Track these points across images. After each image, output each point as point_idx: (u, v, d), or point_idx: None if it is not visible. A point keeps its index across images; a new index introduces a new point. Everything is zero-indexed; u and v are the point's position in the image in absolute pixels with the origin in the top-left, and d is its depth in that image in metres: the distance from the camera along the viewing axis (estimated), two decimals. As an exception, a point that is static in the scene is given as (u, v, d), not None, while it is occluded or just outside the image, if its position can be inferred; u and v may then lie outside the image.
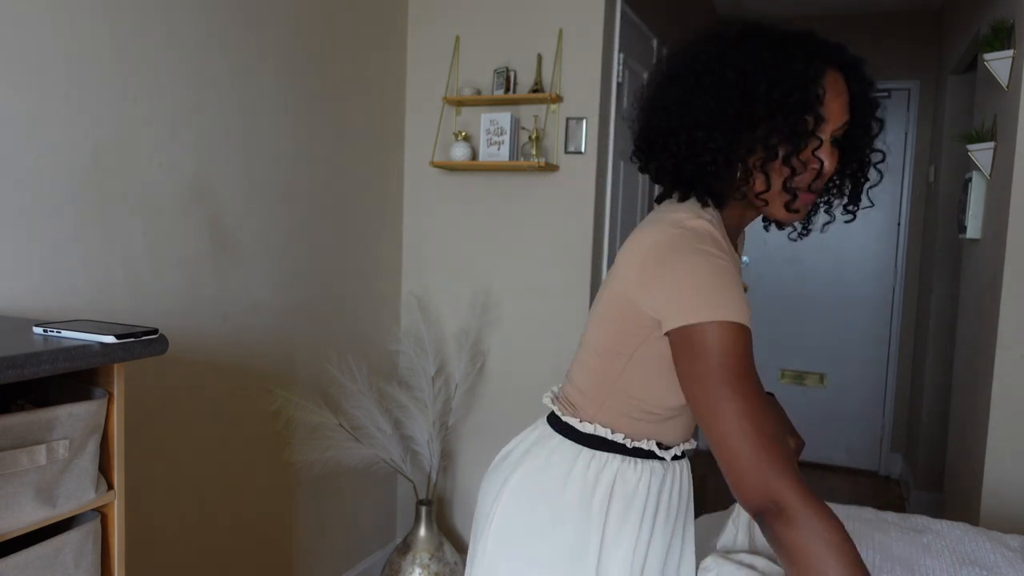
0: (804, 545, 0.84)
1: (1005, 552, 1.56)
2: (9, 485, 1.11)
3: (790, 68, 0.95)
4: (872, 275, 4.45)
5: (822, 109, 0.95)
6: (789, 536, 0.85)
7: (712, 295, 0.92)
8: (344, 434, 2.44)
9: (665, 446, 1.13)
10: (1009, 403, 2.29)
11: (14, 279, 1.55)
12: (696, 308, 0.92)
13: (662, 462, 1.14)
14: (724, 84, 0.96)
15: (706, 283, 0.93)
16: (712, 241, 0.96)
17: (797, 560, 0.85)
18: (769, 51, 0.97)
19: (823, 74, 0.96)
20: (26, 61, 1.54)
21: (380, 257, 2.78)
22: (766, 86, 0.94)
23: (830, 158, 0.98)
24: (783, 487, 0.86)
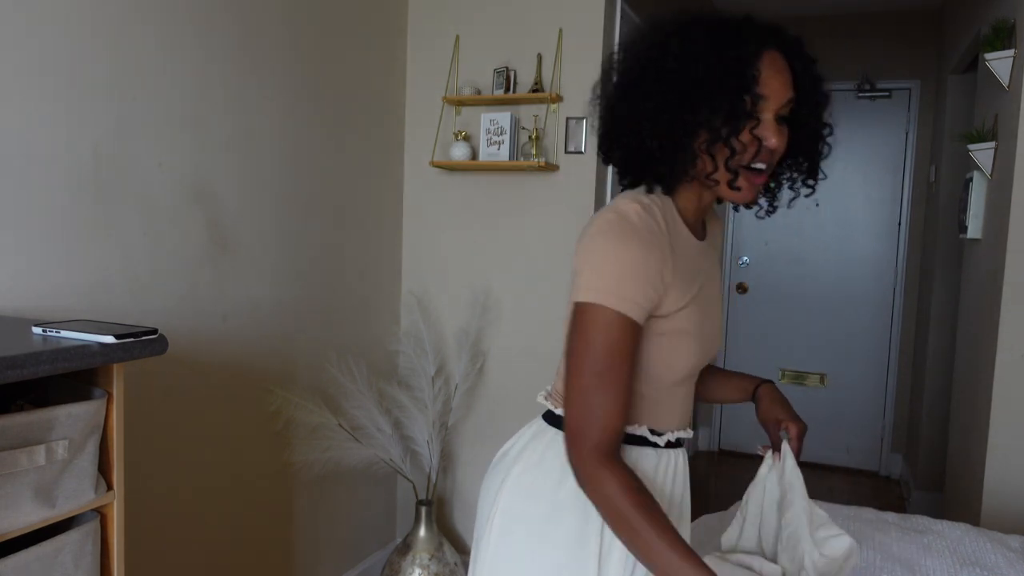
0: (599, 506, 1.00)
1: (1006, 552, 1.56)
2: (9, 485, 1.11)
3: (725, 52, 0.99)
4: (872, 275, 4.44)
5: (759, 89, 0.99)
6: (587, 494, 1.01)
7: (608, 281, 0.99)
8: (344, 434, 2.44)
9: (657, 432, 1.14)
10: (1009, 403, 2.29)
11: (14, 279, 1.55)
12: (590, 289, 1.00)
13: (655, 448, 1.15)
14: (664, 71, 1.01)
15: (609, 268, 0.99)
16: (641, 226, 1.01)
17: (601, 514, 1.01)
18: (705, 37, 1.01)
19: (759, 55, 1.00)
20: (26, 61, 1.54)
21: (380, 257, 2.78)
22: (702, 70, 0.98)
23: (776, 136, 1.01)
24: (585, 457, 1.00)
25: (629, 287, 0.99)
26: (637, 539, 0.97)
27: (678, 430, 1.17)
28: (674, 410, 1.15)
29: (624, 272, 0.99)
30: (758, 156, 1.02)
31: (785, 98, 1.02)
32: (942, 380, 3.63)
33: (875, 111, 4.39)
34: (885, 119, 4.37)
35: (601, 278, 0.99)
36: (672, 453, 1.17)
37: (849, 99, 4.43)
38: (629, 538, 0.98)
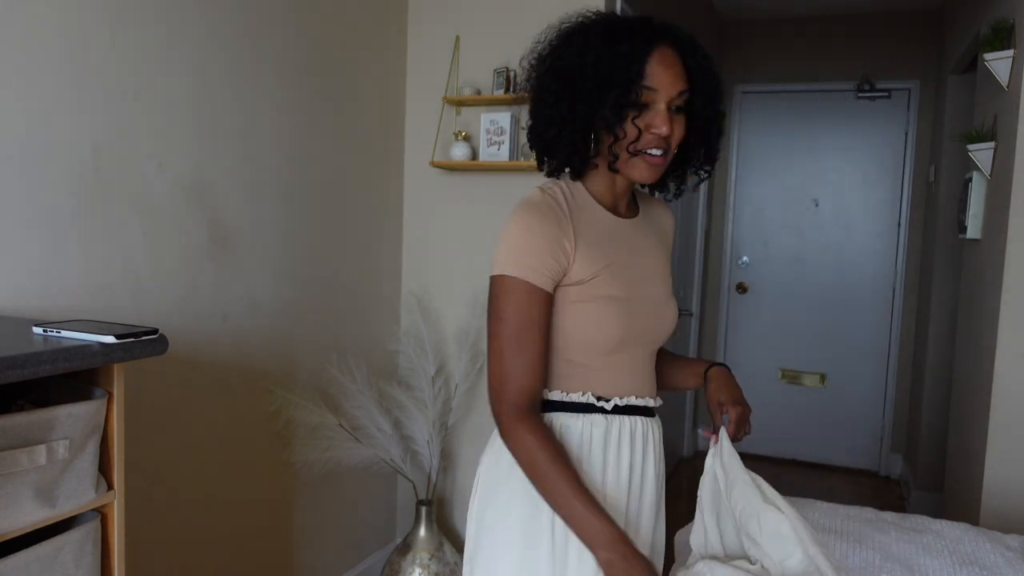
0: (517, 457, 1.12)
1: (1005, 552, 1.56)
2: (9, 485, 1.11)
3: (616, 48, 1.10)
4: (872, 275, 4.45)
5: (648, 81, 1.10)
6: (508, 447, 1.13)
7: (511, 254, 1.12)
8: (344, 434, 2.44)
9: (604, 398, 1.21)
10: (1009, 403, 2.29)
11: (14, 279, 1.55)
12: (498, 263, 1.14)
13: (604, 415, 1.20)
14: (563, 67, 1.13)
15: (511, 244, 1.13)
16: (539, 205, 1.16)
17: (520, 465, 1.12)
18: (601, 36, 1.12)
19: (648, 52, 1.10)
20: (27, 61, 1.54)
21: (380, 257, 2.78)
22: (595, 65, 1.10)
23: (666, 124, 1.11)
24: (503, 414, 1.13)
25: (528, 256, 1.11)
26: (548, 488, 1.09)
27: (629, 396, 1.22)
28: (619, 377, 1.21)
29: (522, 244, 1.12)
30: (653, 142, 1.13)
31: (676, 90, 1.12)
32: (942, 380, 3.63)
33: (875, 111, 4.39)
34: (885, 119, 4.38)
35: (505, 253, 1.13)
36: (627, 419, 1.22)
37: (849, 99, 4.43)
38: (542, 487, 1.10)
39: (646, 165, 1.14)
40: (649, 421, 1.27)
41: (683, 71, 1.13)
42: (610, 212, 1.23)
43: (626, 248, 1.22)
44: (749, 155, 4.68)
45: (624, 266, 1.20)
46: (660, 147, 1.13)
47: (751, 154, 4.68)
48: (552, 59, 1.16)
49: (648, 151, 1.13)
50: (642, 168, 1.15)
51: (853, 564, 1.50)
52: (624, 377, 1.22)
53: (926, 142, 4.26)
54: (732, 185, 4.72)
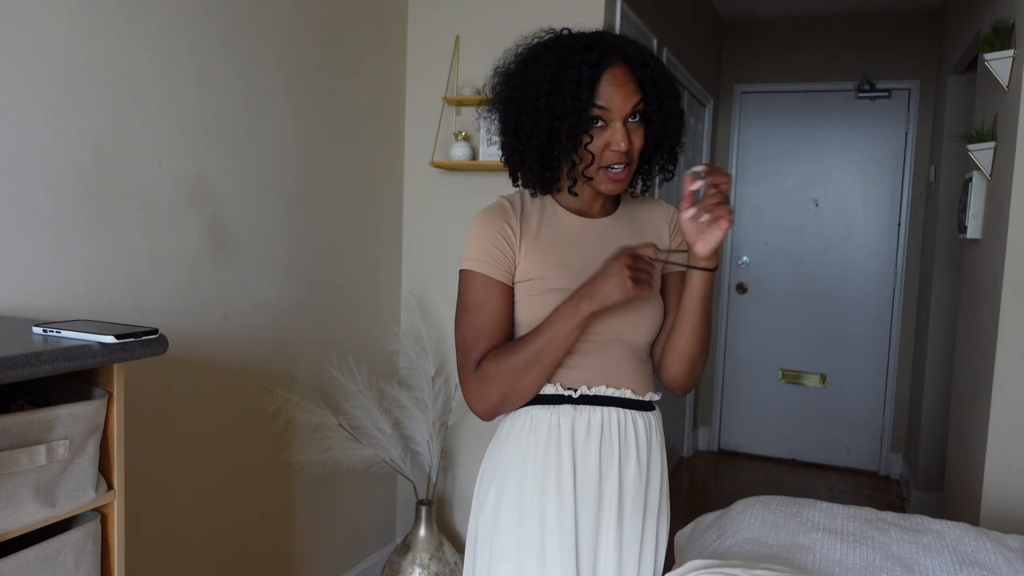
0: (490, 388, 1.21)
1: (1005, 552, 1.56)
2: (9, 485, 1.11)
3: (566, 76, 1.16)
4: (872, 275, 4.45)
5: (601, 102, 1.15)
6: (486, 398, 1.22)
7: (465, 250, 1.25)
8: (344, 434, 2.44)
9: (573, 388, 1.24)
10: (1009, 403, 2.29)
11: (14, 279, 1.55)
12: (462, 261, 1.25)
13: (572, 404, 1.24)
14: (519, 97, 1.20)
15: (466, 242, 1.25)
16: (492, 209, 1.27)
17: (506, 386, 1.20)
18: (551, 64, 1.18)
19: (599, 75, 1.16)
20: (27, 61, 1.54)
21: (380, 257, 2.78)
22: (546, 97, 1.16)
23: (624, 139, 1.16)
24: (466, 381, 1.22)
25: (476, 250, 1.23)
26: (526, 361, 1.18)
27: (599, 385, 1.25)
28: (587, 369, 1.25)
29: (473, 242, 1.24)
30: (614, 159, 1.18)
31: (629, 106, 1.17)
32: (942, 380, 3.63)
33: (875, 111, 4.39)
34: (885, 119, 4.38)
35: (464, 251, 1.25)
36: (598, 410, 1.24)
37: (849, 99, 4.43)
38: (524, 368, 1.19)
39: (609, 180, 1.21)
40: (628, 413, 1.26)
41: (635, 85, 1.18)
42: (575, 214, 1.29)
43: (589, 245, 1.27)
44: (749, 155, 4.68)
45: (584, 263, 1.24)
46: (621, 161, 1.19)
47: (751, 154, 4.68)
48: (509, 88, 1.23)
49: (611, 167, 1.19)
50: (606, 183, 1.21)
51: (853, 564, 1.50)
52: (593, 369, 1.25)
53: (926, 142, 4.26)
54: (732, 185, 4.71)
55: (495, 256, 1.23)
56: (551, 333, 1.17)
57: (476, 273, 1.23)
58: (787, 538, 1.59)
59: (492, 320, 1.22)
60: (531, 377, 1.19)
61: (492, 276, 1.22)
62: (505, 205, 1.27)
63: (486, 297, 1.22)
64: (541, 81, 1.17)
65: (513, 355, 1.18)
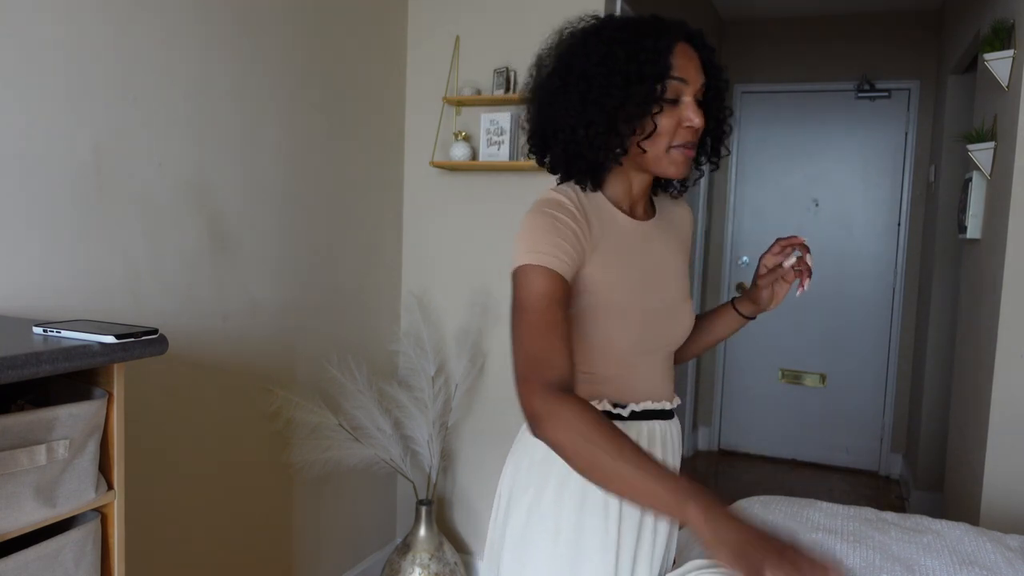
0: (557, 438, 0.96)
1: (1005, 552, 1.56)
2: (9, 485, 1.11)
3: (641, 43, 1.08)
4: (872, 275, 4.44)
5: (678, 73, 1.09)
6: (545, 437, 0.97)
7: (531, 243, 1.09)
8: (344, 434, 2.44)
9: (620, 405, 1.19)
10: (1009, 403, 2.29)
11: (14, 279, 1.55)
12: (518, 254, 1.09)
13: (621, 421, 1.19)
14: (588, 69, 1.10)
15: (526, 237, 1.10)
16: (553, 201, 1.13)
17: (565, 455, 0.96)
18: (622, 32, 1.11)
19: (673, 46, 1.09)
20: (26, 61, 1.54)
21: (380, 257, 2.78)
22: (623, 63, 1.08)
23: (697, 115, 1.10)
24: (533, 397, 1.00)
25: (543, 244, 1.08)
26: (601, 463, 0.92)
27: (645, 401, 1.21)
28: (635, 383, 1.19)
29: (537, 234, 1.09)
30: (686, 135, 1.11)
31: (700, 82, 1.11)
32: (942, 380, 3.63)
33: (875, 111, 4.39)
34: (885, 119, 4.37)
35: (521, 246, 1.10)
36: (644, 425, 1.21)
37: (849, 99, 4.43)
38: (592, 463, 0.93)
39: (683, 159, 1.13)
40: (667, 424, 1.25)
41: (701, 65, 1.13)
42: (628, 216, 1.20)
43: (644, 253, 1.19)
44: (749, 155, 4.68)
45: (642, 272, 1.18)
46: (692, 140, 1.12)
47: (751, 154, 4.68)
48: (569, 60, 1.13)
49: (683, 145, 1.12)
50: (679, 163, 1.13)
51: (853, 564, 1.50)
52: (640, 383, 1.20)
53: (926, 142, 4.25)
54: (732, 185, 4.71)
55: (566, 251, 1.08)
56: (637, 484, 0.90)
57: (542, 267, 1.06)
58: (787, 538, 1.59)
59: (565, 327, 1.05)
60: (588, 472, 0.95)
61: (561, 273, 1.07)
62: (566, 202, 1.13)
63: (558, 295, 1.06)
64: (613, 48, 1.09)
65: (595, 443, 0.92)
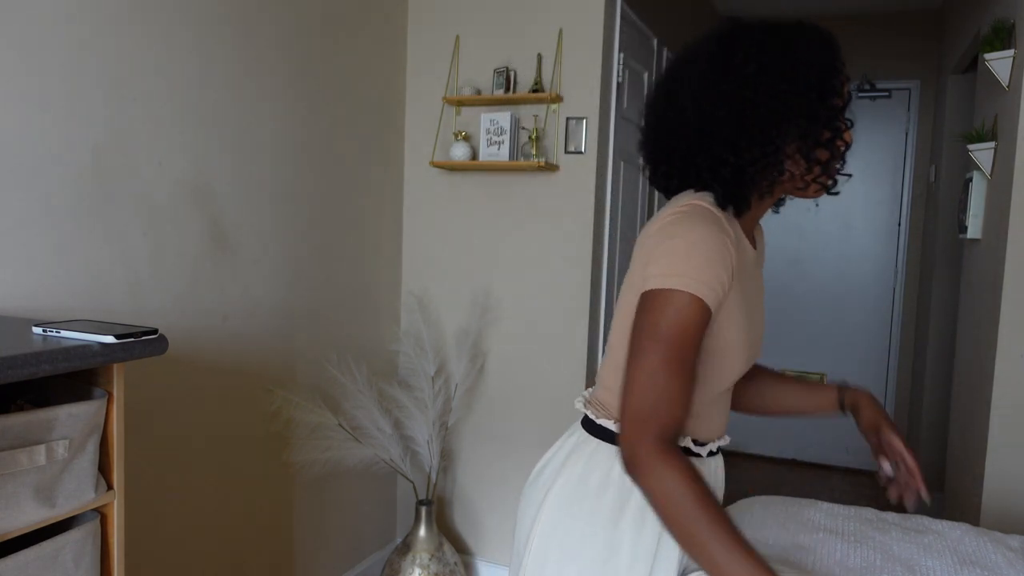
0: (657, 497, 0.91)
1: (1006, 552, 1.56)
2: (9, 485, 1.11)
3: (836, 57, 1.01)
4: (872, 275, 4.44)
5: (845, 89, 1.02)
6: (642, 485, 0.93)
7: (684, 264, 0.96)
8: (344, 434, 2.44)
9: (700, 443, 1.11)
10: (1009, 403, 2.29)
11: (14, 279, 1.55)
12: (667, 276, 0.96)
13: (698, 459, 1.11)
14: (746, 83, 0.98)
15: (684, 252, 0.96)
16: (716, 215, 1.00)
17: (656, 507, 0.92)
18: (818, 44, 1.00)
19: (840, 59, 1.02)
20: (26, 61, 1.54)
21: (380, 257, 2.78)
22: (817, 77, 0.98)
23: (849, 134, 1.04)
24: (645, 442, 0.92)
25: (704, 271, 0.96)
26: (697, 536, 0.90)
27: (719, 439, 1.16)
28: (715, 420, 1.13)
29: (699, 256, 0.96)
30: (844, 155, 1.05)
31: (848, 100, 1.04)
32: (942, 380, 3.63)
33: (875, 111, 4.39)
34: (885, 119, 4.37)
35: (675, 264, 0.96)
36: (713, 462, 1.15)
37: (849, 99, 4.42)
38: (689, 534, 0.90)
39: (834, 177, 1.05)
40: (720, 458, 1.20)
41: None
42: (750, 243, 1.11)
43: (756, 284, 1.13)
44: (749, 155, 4.68)
45: (755, 305, 1.11)
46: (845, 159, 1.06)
47: (751, 154, 4.67)
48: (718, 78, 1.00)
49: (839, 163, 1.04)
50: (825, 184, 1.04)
51: (854, 564, 1.50)
52: (717, 420, 1.14)
53: (926, 142, 4.25)
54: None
55: (723, 286, 0.98)
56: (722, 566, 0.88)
57: (696, 298, 0.95)
58: (788, 538, 1.59)
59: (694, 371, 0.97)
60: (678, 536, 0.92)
61: (711, 308, 0.97)
62: (720, 219, 1.01)
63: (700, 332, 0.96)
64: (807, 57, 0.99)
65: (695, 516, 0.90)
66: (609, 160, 2.69)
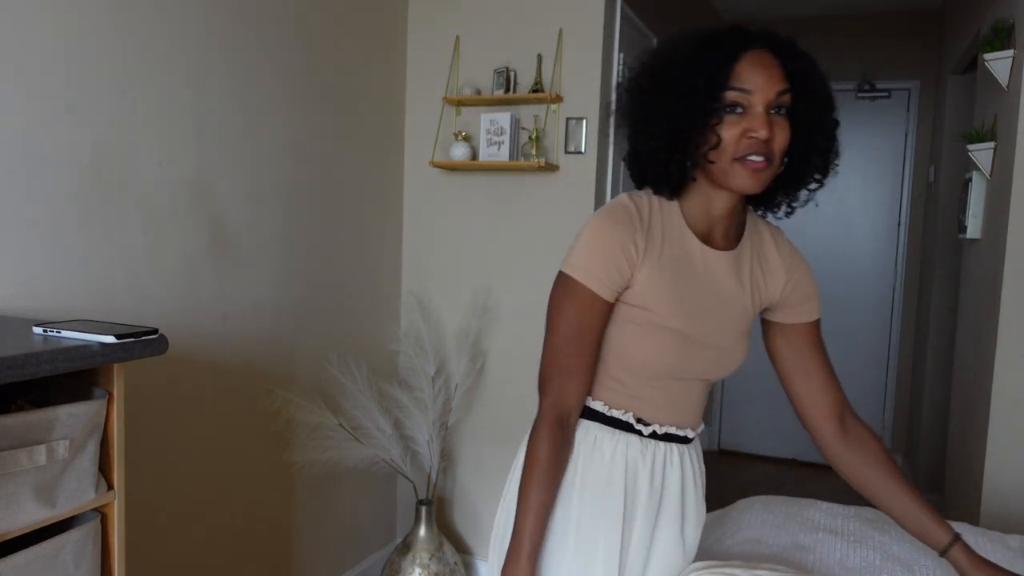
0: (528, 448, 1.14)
1: (1006, 552, 1.56)
2: (9, 485, 1.11)
3: (703, 54, 1.07)
4: (872, 275, 4.44)
5: (740, 83, 1.05)
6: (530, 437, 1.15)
7: (581, 255, 1.12)
8: (344, 434, 2.44)
9: (644, 422, 1.19)
10: (1009, 403, 2.29)
11: (14, 279, 1.55)
12: (568, 261, 1.13)
13: (639, 437, 1.19)
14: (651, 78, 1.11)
15: (582, 245, 1.12)
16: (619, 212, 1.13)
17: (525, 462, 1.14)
18: (688, 42, 1.09)
19: (737, 55, 1.06)
20: (26, 61, 1.54)
21: (380, 257, 2.78)
22: (680, 70, 1.07)
23: (765, 127, 1.05)
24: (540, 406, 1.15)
25: (595, 263, 1.10)
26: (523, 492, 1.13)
27: (670, 425, 1.20)
28: (662, 405, 1.19)
29: (591, 251, 1.11)
30: (752, 147, 1.06)
31: (774, 91, 1.05)
32: (942, 380, 3.63)
33: (875, 111, 4.39)
34: (885, 119, 4.38)
35: (576, 253, 1.12)
36: (663, 446, 1.21)
37: (849, 99, 4.43)
38: (522, 486, 1.13)
39: (747, 172, 1.06)
40: (685, 448, 1.24)
41: (781, 73, 1.06)
42: (700, 240, 1.16)
43: (703, 279, 1.16)
44: (749, 155, 4.68)
45: (696, 299, 1.15)
46: (760, 152, 1.05)
47: (751, 154, 4.67)
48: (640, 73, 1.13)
49: (748, 157, 1.05)
50: (743, 176, 1.06)
51: (853, 564, 1.50)
52: (668, 407, 1.20)
53: (926, 142, 4.26)
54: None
55: (613, 278, 1.11)
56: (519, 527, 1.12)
57: (588, 290, 1.10)
58: (788, 538, 1.59)
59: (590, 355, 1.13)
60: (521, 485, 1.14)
61: (604, 298, 1.11)
62: (632, 211, 1.13)
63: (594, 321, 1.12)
64: (675, 57, 1.08)
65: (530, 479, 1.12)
66: (609, 160, 2.69)
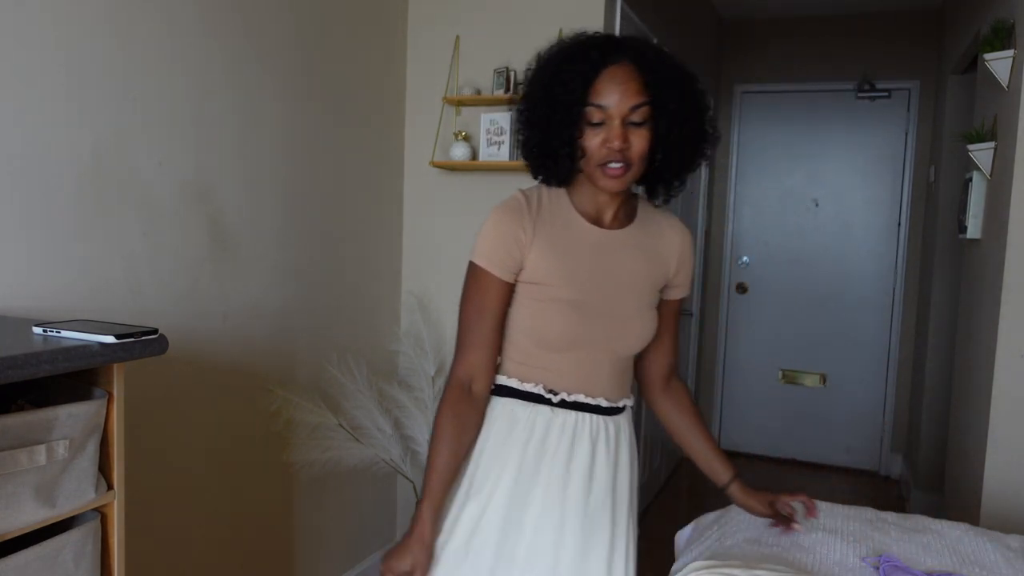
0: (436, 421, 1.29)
1: (1005, 552, 1.56)
2: (9, 485, 1.11)
3: (562, 74, 1.19)
4: (872, 275, 4.45)
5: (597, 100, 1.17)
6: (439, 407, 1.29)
7: (479, 244, 1.28)
8: (344, 434, 2.44)
9: (553, 392, 1.29)
10: (1009, 403, 2.29)
11: (14, 279, 1.55)
12: (476, 250, 1.29)
13: (550, 407, 1.29)
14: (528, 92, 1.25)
15: (481, 235, 1.28)
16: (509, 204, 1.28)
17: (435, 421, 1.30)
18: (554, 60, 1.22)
19: (597, 72, 1.18)
20: (26, 61, 1.54)
21: (380, 257, 2.78)
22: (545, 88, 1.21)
23: (619, 138, 1.17)
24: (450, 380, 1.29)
25: (490, 248, 1.26)
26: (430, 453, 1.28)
27: (578, 393, 1.29)
28: (571, 375, 1.29)
29: (487, 238, 1.27)
30: (609, 156, 1.19)
31: (628, 105, 1.17)
32: (942, 380, 3.63)
33: (875, 111, 4.39)
34: (885, 119, 4.38)
35: (477, 243, 1.28)
36: (572, 414, 1.29)
37: (849, 99, 4.43)
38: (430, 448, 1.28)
39: (608, 176, 1.21)
40: (603, 419, 1.31)
41: (640, 86, 1.17)
42: (589, 221, 1.29)
43: (595, 256, 1.28)
44: (749, 155, 4.68)
45: (587, 273, 1.27)
46: (618, 160, 1.19)
47: (751, 154, 4.68)
48: (525, 79, 1.28)
49: (608, 164, 1.20)
50: (605, 179, 1.21)
51: (853, 564, 1.50)
52: (576, 376, 1.29)
53: (926, 142, 4.26)
54: (732, 185, 4.72)
55: (505, 261, 1.26)
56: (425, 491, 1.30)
57: (486, 272, 1.27)
58: (787, 538, 1.59)
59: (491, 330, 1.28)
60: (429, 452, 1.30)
61: (501, 278, 1.27)
62: (522, 202, 1.28)
63: (492, 300, 1.28)
64: (545, 75, 1.22)
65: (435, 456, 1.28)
66: (609, 160, 2.69)
